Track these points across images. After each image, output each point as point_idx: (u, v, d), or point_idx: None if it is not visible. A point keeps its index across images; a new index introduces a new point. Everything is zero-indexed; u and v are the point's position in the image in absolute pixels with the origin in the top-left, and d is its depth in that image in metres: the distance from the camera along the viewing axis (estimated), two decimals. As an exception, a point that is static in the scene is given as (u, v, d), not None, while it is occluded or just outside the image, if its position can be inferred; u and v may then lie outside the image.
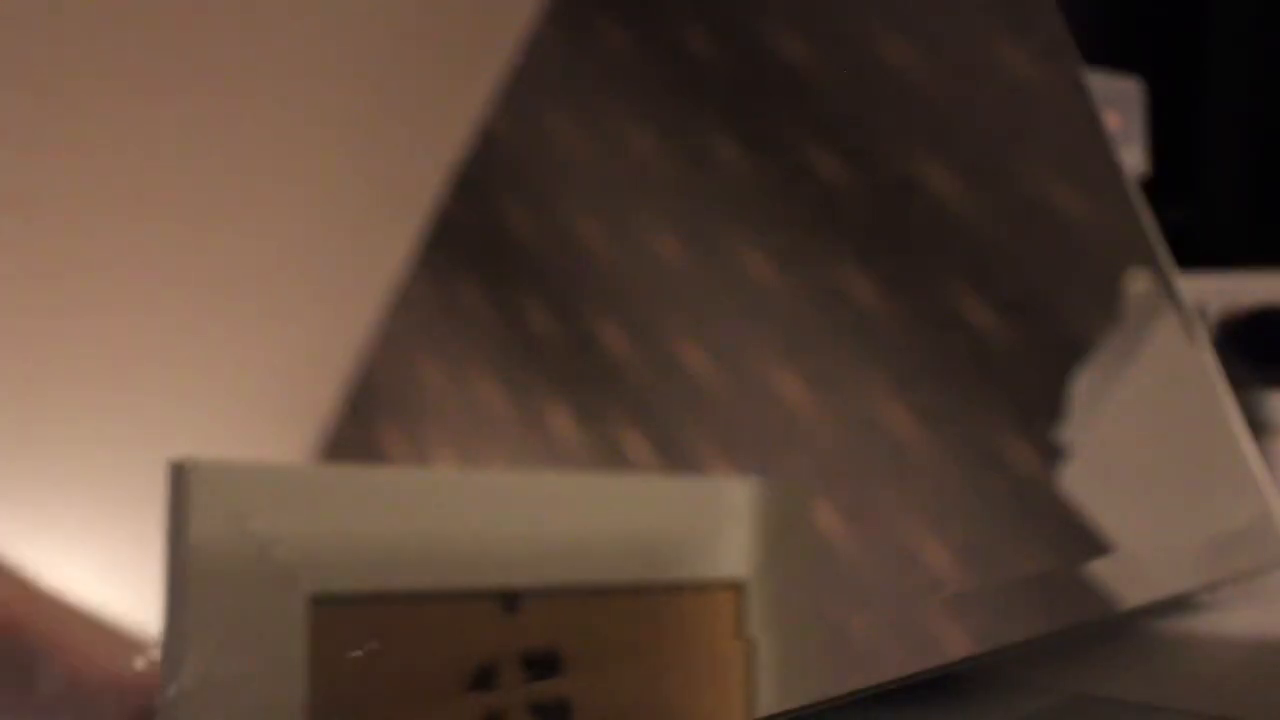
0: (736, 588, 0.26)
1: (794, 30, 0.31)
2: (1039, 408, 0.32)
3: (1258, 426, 0.51)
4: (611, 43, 0.28)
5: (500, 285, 0.25)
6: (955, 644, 0.27)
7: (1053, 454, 0.31)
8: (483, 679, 0.23)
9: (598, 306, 0.26)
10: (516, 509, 0.24)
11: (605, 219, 0.27)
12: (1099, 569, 0.31)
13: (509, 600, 0.24)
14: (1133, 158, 0.67)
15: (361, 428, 0.23)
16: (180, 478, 0.21)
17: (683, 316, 0.27)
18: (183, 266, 0.22)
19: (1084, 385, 0.33)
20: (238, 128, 0.23)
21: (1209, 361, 0.36)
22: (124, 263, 0.22)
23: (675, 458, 0.26)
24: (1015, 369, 0.31)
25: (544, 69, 0.27)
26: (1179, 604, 0.36)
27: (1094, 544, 0.31)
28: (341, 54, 0.25)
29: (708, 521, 0.26)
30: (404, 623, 0.22)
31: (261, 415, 0.22)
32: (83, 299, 0.21)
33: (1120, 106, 0.66)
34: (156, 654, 0.20)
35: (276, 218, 0.23)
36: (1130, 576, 0.31)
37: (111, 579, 0.21)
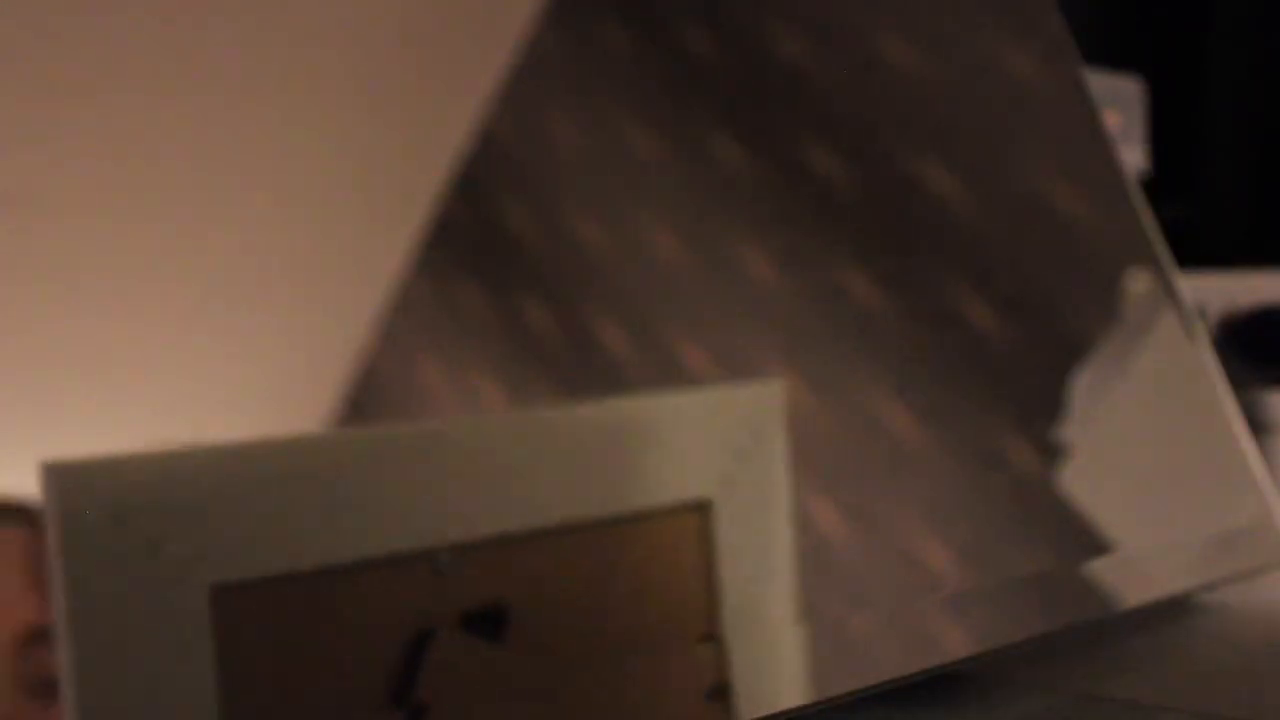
0: (701, 508, 0.25)
1: (794, 30, 0.31)
2: (1039, 408, 0.31)
3: (1258, 426, 0.51)
4: (611, 43, 0.28)
5: (500, 285, 0.25)
6: (955, 644, 0.27)
7: (1053, 454, 0.31)
8: (417, 648, 0.22)
9: (598, 306, 0.26)
10: (436, 463, 0.23)
11: (605, 219, 0.27)
12: (1099, 569, 0.31)
13: (440, 560, 0.22)
14: (1133, 157, 0.66)
15: (362, 427, 0.23)
16: (49, 483, 0.19)
17: (683, 316, 0.27)
18: (184, 266, 0.22)
19: (1084, 385, 0.33)
20: (238, 128, 0.23)
21: (1209, 361, 0.36)
22: (125, 262, 0.22)
23: (675, 458, 0.26)
24: (1015, 369, 0.31)
25: (544, 69, 0.27)
26: (1179, 604, 0.36)
27: (1094, 544, 0.31)
28: (342, 55, 0.25)
29: (661, 443, 0.25)
30: (319, 602, 0.21)
31: (262, 414, 0.22)
32: (83, 299, 0.21)
33: (1120, 106, 0.66)
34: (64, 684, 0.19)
35: (277, 218, 0.23)
36: (1130, 576, 0.31)
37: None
